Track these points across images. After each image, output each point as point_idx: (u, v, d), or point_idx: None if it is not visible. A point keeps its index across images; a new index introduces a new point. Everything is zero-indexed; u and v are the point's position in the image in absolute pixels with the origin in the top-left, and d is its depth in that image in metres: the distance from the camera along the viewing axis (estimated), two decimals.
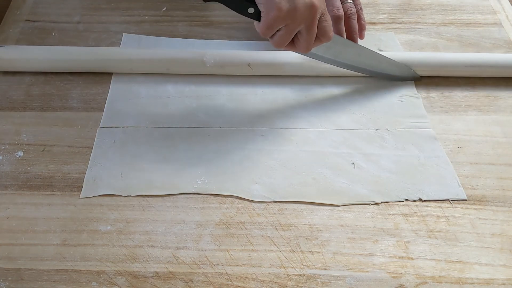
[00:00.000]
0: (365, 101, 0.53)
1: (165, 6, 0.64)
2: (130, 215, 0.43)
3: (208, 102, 0.53)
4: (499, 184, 0.46)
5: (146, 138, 0.49)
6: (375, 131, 0.50)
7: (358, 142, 0.49)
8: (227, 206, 0.44)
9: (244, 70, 0.54)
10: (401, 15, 0.64)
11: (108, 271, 0.40)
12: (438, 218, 0.44)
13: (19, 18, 0.62)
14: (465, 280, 0.40)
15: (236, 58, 0.54)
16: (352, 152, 0.48)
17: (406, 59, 0.54)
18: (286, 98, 0.53)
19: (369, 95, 0.54)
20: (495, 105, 0.53)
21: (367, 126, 0.51)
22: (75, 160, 0.47)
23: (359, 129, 0.50)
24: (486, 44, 0.60)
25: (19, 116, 0.51)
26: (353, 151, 0.48)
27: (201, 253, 0.41)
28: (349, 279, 0.40)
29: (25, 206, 0.44)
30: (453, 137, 0.50)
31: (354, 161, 0.47)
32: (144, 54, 0.54)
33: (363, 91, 0.54)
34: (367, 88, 0.54)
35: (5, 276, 0.39)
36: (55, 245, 0.41)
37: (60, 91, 0.53)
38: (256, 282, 0.39)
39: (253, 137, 0.49)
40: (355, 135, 0.50)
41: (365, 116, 0.51)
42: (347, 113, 0.52)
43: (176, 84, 0.54)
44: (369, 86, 0.54)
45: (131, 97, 0.53)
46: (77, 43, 0.59)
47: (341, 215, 0.44)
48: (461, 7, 0.65)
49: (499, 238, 0.42)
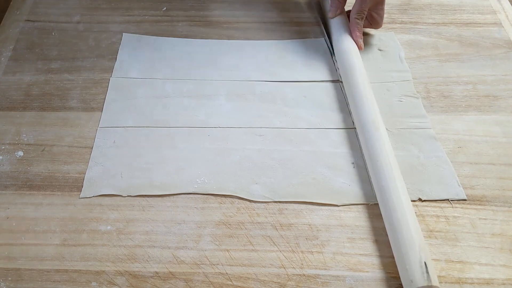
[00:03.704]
0: None
1: (165, 6, 0.64)
2: (130, 215, 0.43)
3: (207, 102, 0.53)
4: (499, 184, 0.46)
5: (146, 138, 0.49)
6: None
7: (358, 142, 0.49)
8: (227, 206, 0.44)
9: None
10: (401, 15, 0.64)
11: (108, 271, 0.40)
12: (438, 218, 0.44)
13: (19, 18, 0.62)
14: (465, 280, 0.40)
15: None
16: (352, 152, 0.48)
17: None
18: (286, 97, 0.53)
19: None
20: (495, 105, 0.53)
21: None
22: (75, 160, 0.47)
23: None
24: (486, 44, 0.60)
25: (19, 116, 0.51)
26: (353, 151, 0.48)
27: (201, 253, 0.41)
28: (349, 279, 0.40)
29: (25, 206, 0.44)
30: (453, 137, 0.50)
31: (354, 161, 0.47)
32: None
33: None
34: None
35: (5, 276, 0.39)
36: (55, 245, 0.41)
37: (60, 91, 0.53)
38: (256, 282, 0.39)
39: (253, 137, 0.49)
40: (355, 135, 0.50)
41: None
42: (347, 113, 0.52)
43: (174, 84, 0.54)
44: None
45: (131, 97, 0.53)
46: (77, 43, 0.59)
47: (341, 215, 0.44)
48: (461, 7, 0.65)
49: (499, 238, 0.42)
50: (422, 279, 0.36)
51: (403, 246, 0.38)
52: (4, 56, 0.57)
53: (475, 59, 0.58)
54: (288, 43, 0.59)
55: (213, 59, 0.57)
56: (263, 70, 0.56)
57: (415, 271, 0.37)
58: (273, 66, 0.56)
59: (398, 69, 0.57)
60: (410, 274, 0.37)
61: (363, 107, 0.48)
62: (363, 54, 0.58)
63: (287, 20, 0.63)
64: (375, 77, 0.55)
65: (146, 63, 0.56)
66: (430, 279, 0.36)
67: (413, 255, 0.37)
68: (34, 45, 0.58)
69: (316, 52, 0.58)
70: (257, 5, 0.64)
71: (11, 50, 0.58)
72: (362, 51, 0.55)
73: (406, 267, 0.37)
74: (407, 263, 0.37)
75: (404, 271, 0.38)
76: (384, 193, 0.42)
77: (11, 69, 0.56)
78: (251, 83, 0.55)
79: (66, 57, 0.57)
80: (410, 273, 0.37)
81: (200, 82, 0.55)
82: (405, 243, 0.38)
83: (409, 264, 0.37)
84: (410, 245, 0.38)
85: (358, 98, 0.49)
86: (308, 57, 0.57)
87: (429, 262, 0.37)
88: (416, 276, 0.36)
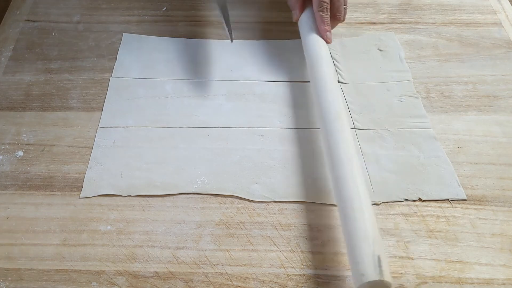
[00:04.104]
0: (365, 101, 0.53)
1: (165, 6, 0.64)
2: (130, 215, 0.43)
3: (207, 102, 0.53)
4: (499, 184, 0.46)
5: (146, 138, 0.49)
6: (374, 131, 0.50)
7: (358, 142, 0.49)
8: (227, 206, 0.44)
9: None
10: (401, 15, 0.64)
11: (108, 271, 0.40)
12: (438, 218, 0.44)
13: (19, 18, 0.62)
14: (465, 280, 0.40)
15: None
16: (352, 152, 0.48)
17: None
18: (286, 97, 0.53)
19: (369, 95, 0.54)
20: (495, 105, 0.53)
21: (367, 126, 0.51)
22: (75, 160, 0.47)
23: (359, 129, 0.50)
24: (486, 44, 0.60)
25: (19, 116, 0.51)
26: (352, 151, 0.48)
27: (201, 253, 0.41)
28: (349, 279, 0.40)
29: (25, 206, 0.44)
30: (453, 137, 0.50)
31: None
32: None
33: (363, 91, 0.54)
34: (366, 88, 0.54)
35: (5, 276, 0.39)
36: (55, 245, 0.41)
37: (60, 91, 0.53)
38: (256, 282, 0.39)
39: (253, 137, 0.49)
40: (355, 135, 0.50)
41: (365, 116, 0.51)
42: (347, 113, 0.52)
43: (174, 84, 0.54)
44: (368, 86, 0.55)
45: (131, 97, 0.53)
46: (77, 43, 0.59)
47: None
48: (461, 7, 0.65)
49: (499, 238, 0.42)
50: (374, 273, 0.33)
51: (355, 237, 0.35)
52: (4, 56, 0.57)
53: (475, 59, 0.58)
54: (288, 43, 0.59)
55: (213, 59, 0.57)
56: (263, 70, 0.56)
57: (366, 265, 0.34)
58: (273, 66, 0.56)
59: (398, 69, 0.57)
60: (361, 267, 0.34)
61: (328, 107, 0.45)
62: (364, 54, 0.58)
63: (287, 20, 0.62)
64: (375, 77, 0.55)
65: (146, 63, 0.56)
66: (382, 273, 0.33)
67: (366, 248, 0.34)
68: (34, 45, 0.58)
69: None
70: (257, 5, 0.64)
71: (11, 50, 0.58)
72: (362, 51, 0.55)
73: (358, 260, 0.34)
74: (358, 255, 0.34)
75: (355, 264, 0.34)
76: (339, 182, 0.39)
77: (11, 69, 0.56)
78: (251, 83, 0.55)
79: (66, 57, 0.57)
80: (361, 266, 0.34)
81: (200, 82, 0.55)
82: (358, 234, 0.35)
83: (361, 256, 0.34)
84: (363, 237, 0.35)
85: (323, 99, 0.46)
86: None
87: (383, 256, 0.34)
88: (368, 270, 0.33)
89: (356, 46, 0.59)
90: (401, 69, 0.57)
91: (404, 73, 0.56)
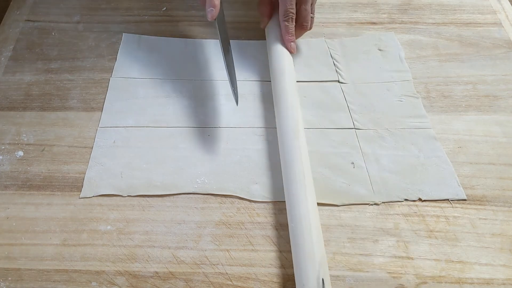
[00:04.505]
0: (365, 101, 0.53)
1: (165, 6, 0.64)
2: (130, 215, 0.43)
3: (207, 102, 0.53)
4: (499, 184, 0.46)
5: (146, 138, 0.49)
6: (374, 131, 0.50)
7: (358, 142, 0.49)
8: (227, 206, 0.44)
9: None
10: (401, 15, 0.64)
11: (108, 271, 0.40)
12: (438, 218, 0.44)
13: (19, 18, 0.62)
14: (465, 280, 0.40)
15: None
16: (352, 152, 0.48)
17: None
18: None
19: (369, 95, 0.54)
20: (495, 105, 0.53)
21: (367, 126, 0.51)
22: (75, 160, 0.47)
23: (359, 129, 0.50)
24: (486, 44, 0.60)
25: (19, 116, 0.51)
26: (353, 151, 0.48)
27: (201, 253, 0.41)
28: (349, 279, 0.40)
29: (25, 206, 0.44)
30: (453, 137, 0.50)
31: (354, 161, 0.47)
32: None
33: (363, 91, 0.54)
34: (366, 88, 0.54)
35: (5, 276, 0.39)
36: (55, 245, 0.41)
37: (60, 91, 0.53)
38: (256, 282, 0.39)
39: (253, 137, 0.49)
40: (354, 135, 0.50)
41: (365, 116, 0.51)
42: (347, 112, 0.52)
43: (174, 84, 0.54)
44: (368, 86, 0.55)
45: (131, 97, 0.53)
46: (77, 43, 0.59)
47: (341, 215, 0.44)
48: (461, 7, 0.65)
49: (499, 238, 0.42)
50: None
51: (302, 261, 0.38)
52: (4, 56, 0.57)
53: (475, 59, 0.58)
54: None
55: (213, 59, 0.57)
56: (263, 70, 0.56)
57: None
58: None
59: (398, 69, 0.57)
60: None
61: (286, 113, 0.47)
62: (364, 54, 0.58)
63: None
64: (375, 77, 0.55)
65: (146, 63, 0.56)
66: None
67: (313, 271, 0.37)
68: (34, 45, 0.58)
69: (316, 53, 0.58)
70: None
71: (11, 50, 0.58)
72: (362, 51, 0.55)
73: (304, 282, 0.36)
74: (304, 278, 0.37)
75: (301, 286, 0.37)
76: (292, 201, 0.41)
77: (11, 69, 0.56)
78: (251, 83, 0.55)
79: (66, 57, 0.57)
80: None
81: (200, 82, 0.55)
82: (306, 257, 0.38)
83: (307, 279, 0.36)
84: (310, 260, 0.37)
85: (283, 107, 0.48)
86: (309, 58, 0.57)
87: (326, 278, 0.37)
88: None
89: (356, 46, 0.59)
90: (401, 69, 0.57)
91: (404, 73, 0.56)
